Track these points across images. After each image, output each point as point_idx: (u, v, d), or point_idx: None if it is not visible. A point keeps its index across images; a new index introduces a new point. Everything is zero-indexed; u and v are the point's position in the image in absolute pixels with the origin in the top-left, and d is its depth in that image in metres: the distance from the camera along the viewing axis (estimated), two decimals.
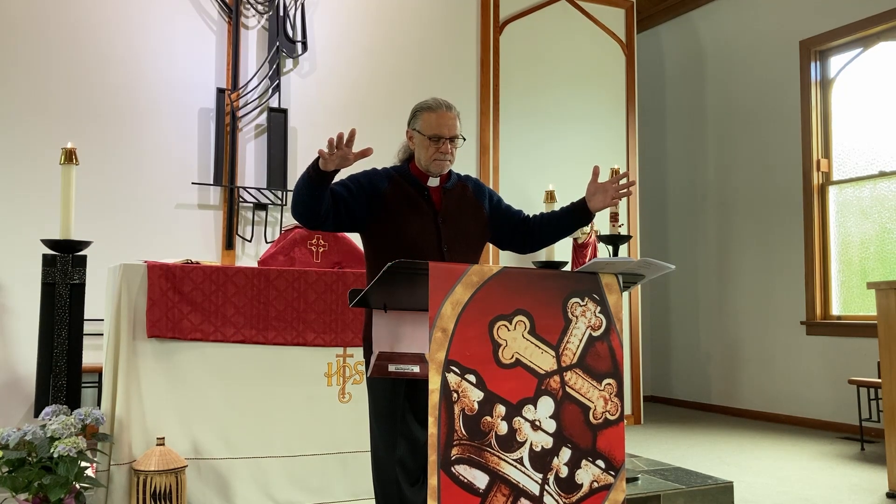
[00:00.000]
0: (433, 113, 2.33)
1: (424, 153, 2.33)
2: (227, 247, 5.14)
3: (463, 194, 2.42)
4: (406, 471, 2.22)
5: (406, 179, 2.36)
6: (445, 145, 2.31)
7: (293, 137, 5.40)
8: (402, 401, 2.23)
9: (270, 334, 3.34)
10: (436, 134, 2.31)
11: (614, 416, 1.99)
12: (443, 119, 2.32)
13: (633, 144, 6.62)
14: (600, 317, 1.99)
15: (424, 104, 2.37)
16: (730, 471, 4.53)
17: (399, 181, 2.35)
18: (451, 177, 2.43)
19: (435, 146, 2.31)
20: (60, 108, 4.85)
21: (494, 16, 6.14)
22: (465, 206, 2.40)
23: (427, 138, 2.31)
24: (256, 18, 5.38)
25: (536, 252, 2.73)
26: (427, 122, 2.33)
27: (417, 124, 2.35)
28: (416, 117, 2.37)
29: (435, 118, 2.32)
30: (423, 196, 2.34)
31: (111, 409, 3.13)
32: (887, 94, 5.93)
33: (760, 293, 6.74)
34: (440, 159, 2.32)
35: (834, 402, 6.05)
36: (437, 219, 2.32)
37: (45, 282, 3.18)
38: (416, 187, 2.35)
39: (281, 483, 3.33)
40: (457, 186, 2.42)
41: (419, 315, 2.06)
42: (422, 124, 2.34)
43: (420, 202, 2.33)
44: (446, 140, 2.31)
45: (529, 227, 2.51)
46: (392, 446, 2.22)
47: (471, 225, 2.39)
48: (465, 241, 2.36)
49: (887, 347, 3.86)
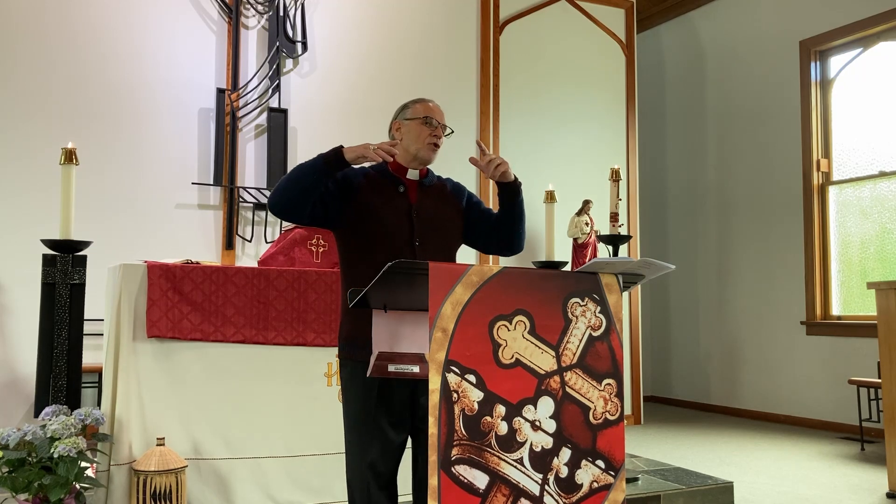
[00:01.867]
0: (423, 103, 2.35)
1: (416, 138, 2.30)
2: (227, 247, 5.14)
3: (441, 191, 2.40)
4: (376, 473, 2.21)
5: (382, 175, 2.34)
6: (438, 129, 2.31)
7: (293, 137, 5.40)
8: (376, 403, 2.20)
9: (270, 334, 3.34)
10: (430, 116, 2.31)
11: (614, 417, 1.99)
12: (434, 108, 2.35)
13: (633, 145, 6.62)
14: (600, 317, 1.99)
15: (412, 100, 2.39)
16: (730, 471, 4.53)
17: (374, 176, 2.33)
18: (430, 175, 2.40)
19: (429, 129, 2.30)
20: (60, 108, 4.85)
21: (494, 16, 6.14)
22: (441, 203, 2.37)
23: (420, 120, 2.30)
24: (256, 18, 5.38)
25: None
26: (417, 110, 2.33)
27: (406, 114, 2.34)
28: (405, 109, 2.36)
29: (424, 107, 2.34)
30: (398, 190, 2.32)
31: (111, 409, 3.13)
32: (887, 94, 5.93)
33: (760, 293, 6.74)
34: (433, 143, 2.30)
35: (834, 403, 6.05)
36: (412, 212, 2.29)
37: (45, 282, 3.18)
38: (391, 181, 2.33)
39: (281, 483, 3.33)
40: (434, 184, 2.40)
41: (419, 315, 2.06)
42: (411, 112, 2.33)
43: (394, 196, 2.30)
44: (438, 125, 2.31)
45: (497, 225, 2.45)
46: (364, 449, 2.21)
47: (446, 221, 2.36)
48: (440, 237, 2.33)
49: (887, 347, 3.86)
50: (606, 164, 6.13)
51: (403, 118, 2.35)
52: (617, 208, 4.03)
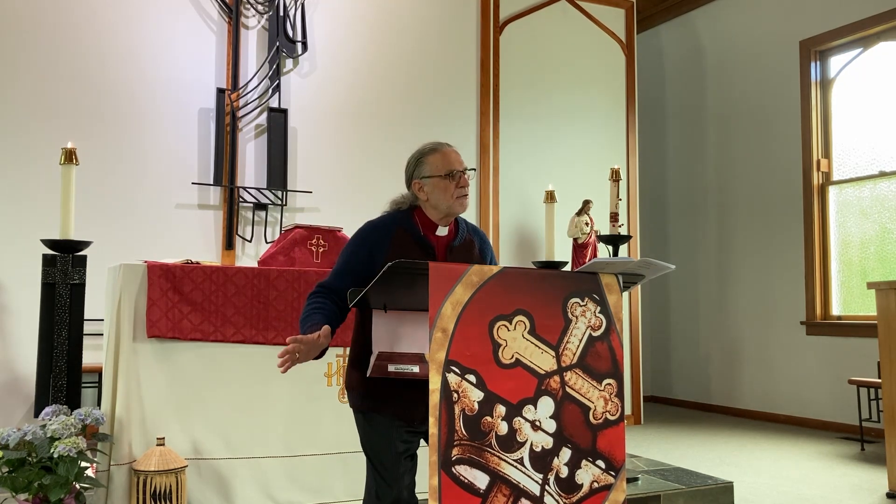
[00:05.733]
0: (438, 153, 2.20)
1: (444, 195, 2.17)
2: (227, 247, 5.14)
3: (468, 251, 2.26)
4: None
5: (412, 236, 2.19)
6: (464, 178, 2.19)
7: (293, 137, 5.39)
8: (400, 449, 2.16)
9: (270, 334, 3.34)
10: (451, 169, 2.17)
11: (614, 417, 1.99)
12: (450, 155, 2.21)
13: (633, 144, 6.62)
14: (600, 317, 1.99)
15: (423, 150, 2.23)
16: (730, 471, 4.53)
17: (402, 241, 2.17)
18: (459, 228, 2.27)
19: (454, 183, 2.17)
20: (60, 108, 4.85)
21: (494, 16, 6.14)
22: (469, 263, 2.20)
23: (443, 177, 2.16)
24: (256, 18, 5.38)
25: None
26: (436, 164, 2.18)
27: (425, 170, 2.19)
28: (421, 164, 2.20)
29: (441, 157, 2.19)
30: (428, 254, 2.18)
31: (111, 409, 3.13)
32: (887, 94, 5.93)
33: (760, 293, 6.74)
34: (462, 195, 2.18)
35: (834, 402, 6.05)
36: None
37: (45, 282, 3.18)
38: (420, 246, 2.18)
39: (281, 483, 3.33)
40: (465, 243, 2.26)
41: (419, 315, 2.06)
42: (430, 168, 2.18)
43: (422, 259, 2.16)
44: (460, 173, 2.18)
45: None
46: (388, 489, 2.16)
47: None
48: None
49: (887, 347, 3.86)
50: (606, 164, 6.13)
51: (422, 176, 2.19)
52: (617, 208, 4.03)
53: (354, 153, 5.57)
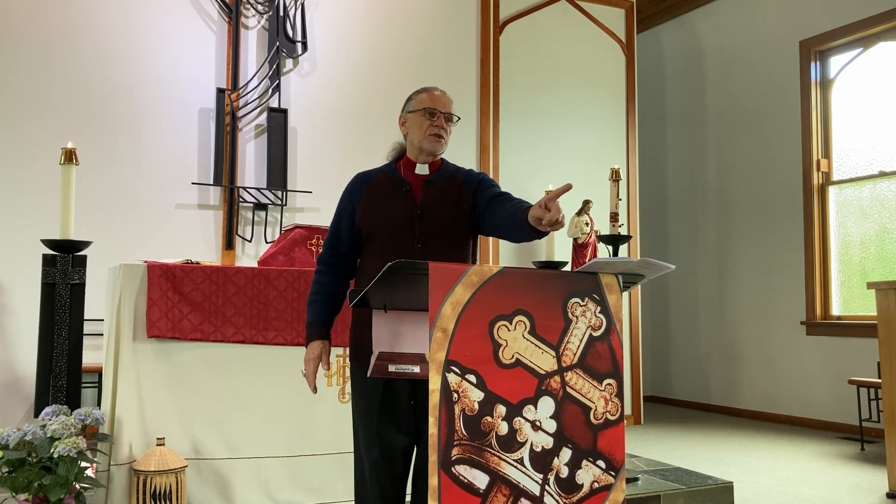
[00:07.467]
0: (427, 92, 2.29)
1: (419, 130, 2.24)
2: (227, 247, 5.14)
3: (450, 187, 2.27)
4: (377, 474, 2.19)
5: (388, 176, 2.27)
6: (440, 119, 2.24)
7: (293, 137, 5.40)
8: (378, 403, 2.19)
9: (270, 334, 3.34)
10: (430, 107, 2.24)
11: (615, 417, 1.99)
12: (437, 96, 2.27)
13: (633, 144, 6.62)
14: (600, 317, 1.99)
15: (417, 89, 2.34)
16: (730, 471, 4.53)
17: (380, 179, 2.27)
18: (442, 169, 2.31)
19: (429, 120, 2.23)
20: (60, 108, 4.85)
21: (494, 16, 6.14)
22: (448, 198, 2.24)
23: (422, 112, 2.24)
24: (256, 18, 5.38)
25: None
26: (420, 100, 2.27)
27: (410, 105, 2.29)
28: (410, 101, 2.31)
29: (428, 96, 2.27)
30: (403, 191, 2.24)
31: (111, 409, 3.13)
32: (887, 94, 5.93)
33: (760, 293, 6.74)
34: (435, 133, 2.23)
35: (834, 402, 6.05)
36: (415, 213, 2.20)
37: (45, 282, 3.18)
38: (396, 183, 2.25)
39: (281, 483, 3.33)
40: (445, 180, 2.29)
41: (419, 315, 2.06)
42: (415, 104, 2.27)
43: (397, 199, 2.22)
44: (440, 114, 2.24)
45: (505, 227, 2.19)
46: (368, 450, 2.20)
47: (452, 218, 2.23)
48: (445, 236, 2.21)
49: (887, 347, 3.86)
50: (606, 164, 6.13)
51: (407, 111, 2.30)
52: (617, 208, 4.02)
53: (354, 153, 5.57)
